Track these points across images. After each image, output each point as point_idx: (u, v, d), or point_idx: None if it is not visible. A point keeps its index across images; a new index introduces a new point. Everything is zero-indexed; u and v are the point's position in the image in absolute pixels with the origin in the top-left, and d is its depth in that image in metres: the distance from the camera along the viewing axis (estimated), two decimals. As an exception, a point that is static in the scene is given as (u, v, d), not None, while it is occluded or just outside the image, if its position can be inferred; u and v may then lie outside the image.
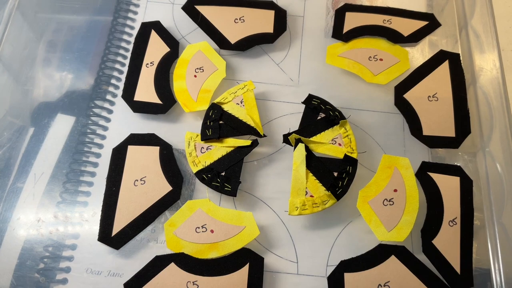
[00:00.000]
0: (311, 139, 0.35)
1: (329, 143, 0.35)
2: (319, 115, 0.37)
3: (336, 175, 0.34)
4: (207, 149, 0.35)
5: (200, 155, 0.35)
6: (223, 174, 0.34)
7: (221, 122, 0.36)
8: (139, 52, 0.40)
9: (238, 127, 0.36)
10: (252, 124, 0.36)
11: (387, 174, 0.35)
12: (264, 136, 0.36)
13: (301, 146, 0.35)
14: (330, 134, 0.36)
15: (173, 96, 0.38)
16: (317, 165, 0.35)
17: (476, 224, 0.35)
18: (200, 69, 0.39)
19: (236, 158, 0.35)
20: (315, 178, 0.34)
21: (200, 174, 0.34)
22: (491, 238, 0.34)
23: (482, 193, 0.36)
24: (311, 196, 0.33)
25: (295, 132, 0.36)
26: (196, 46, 0.40)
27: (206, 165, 0.35)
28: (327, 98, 0.38)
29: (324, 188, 0.34)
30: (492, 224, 0.34)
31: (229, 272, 0.32)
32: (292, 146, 0.35)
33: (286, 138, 0.36)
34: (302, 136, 0.35)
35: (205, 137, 0.36)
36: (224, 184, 0.34)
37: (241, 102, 0.37)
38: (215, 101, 0.37)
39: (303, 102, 0.38)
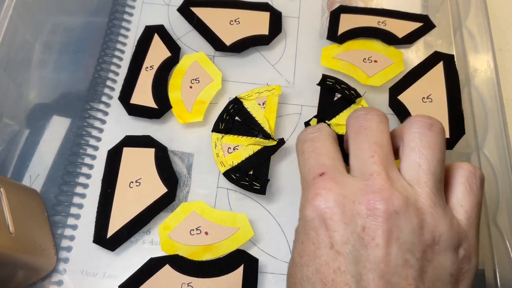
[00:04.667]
0: (332, 121, 0.36)
1: None
2: (335, 95, 0.38)
3: None
4: (234, 149, 0.36)
5: (227, 155, 0.35)
6: (250, 173, 0.35)
7: (236, 118, 0.37)
8: (140, 55, 0.40)
9: (251, 126, 0.36)
10: (266, 127, 0.36)
11: (381, 175, 0.35)
12: (273, 140, 0.36)
13: (314, 122, 0.36)
14: (349, 113, 0.36)
15: (169, 101, 0.38)
16: (338, 142, 0.35)
17: (470, 225, 0.35)
18: (196, 80, 0.39)
19: (263, 157, 0.35)
20: None
21: (228, 174, 0.35)
22: (485, 238, 0.34)
23: (477, 194, 0.36)
24: None
25: (315, 116, 0.37)
26: (193, 57, 0.40)
27: (233, 165, 0.35)
28: (322, 100, 0.38)
29: (345, 164, 0.34)
30: (487, 224, 0.34)
31: (224, 274, 0.32)
32: None
33: (308, 125, 0.36)
34: (322, 120, 0.36)
35: (216, 129, 0.36)
36: (253, 183, 0.34)
37: (263, 104, 0.37)
38: (238, 95, 0.38)
39: (318, 84, 0.38)
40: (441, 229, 0.22)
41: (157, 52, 0.40)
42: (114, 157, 0.36)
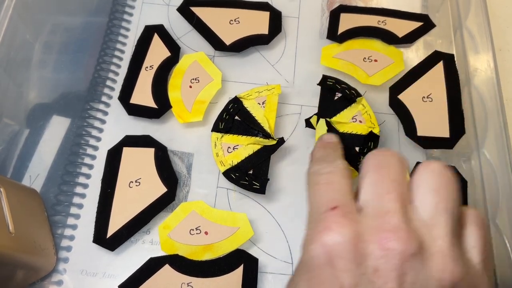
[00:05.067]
0: (332, 119, 0.36)
1: (350, 122, 0.36)
2: (335, 95, 0.38)
3: (357, 150, 0.35)
4: (233, 149, 0.36)
5: (227, 155, 0.35)
6: (250, 172, 0.35)
7: (236, 118, 0.37)
8: (140, 55, 0.40)
9: (251, 126, 0.36)
10: (266, 127, 0.36)
11: (381, 175, 0.35)
12: (273, 139, 0.36)
13: (322, 122, 0.35)
14: (349, 112, 0.37)
15: (169, 101, 0.38)
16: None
17: (470, 225, 0.35)
18: (195, 79, 0.39)
19: (263, 157, 0.35)
20: None
21: (228, 174, 0.35)
22: (485, 238, 0.34)
23: (477, 193, 0.36)
24: None
25: (315, 114, 0.37)
26: (193, 57, 0.40)
27: (233, 165, 0.35)
28: (322, 99, 0.38)
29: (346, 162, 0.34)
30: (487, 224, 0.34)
31: (224, 273, 0.32)
32: (315, 128, 0.36)
33: (308, 122, 0.37)
34: (322, 117, 0.36)
35: (215, 129, 0.36)
36: (253, 182, 0.34)
37: (263, 103, 0.37)
38: (238, 95, 0.38)
39: (318, 84, 0.38)
40: (458, 274, 0.20)
41: (157, 52, 0.40)
42: (114, 157, 0.36)
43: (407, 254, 0.20)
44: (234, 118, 0.37)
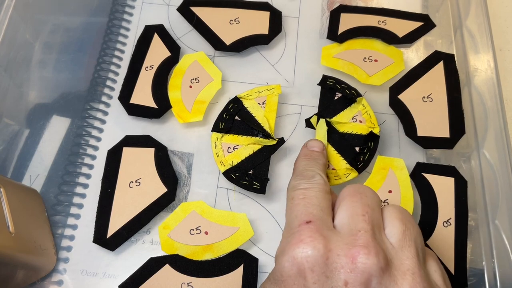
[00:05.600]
0: (332, 119, 0.36)
1: (350, 122, 0.36)
2: (335, 95, 0.38)
3: (357, 150, 0.35)
4: (233, 149, 0.36)
5: (227, 155, 0.35)
6: (250, 172, 0.35)
7: (236, 118, 0.37)
8: (140, 55, 0.40)
9: (251, 126, 0.36)
10: (266, 127, 0.36)
11: (382, 175, 0.35)
12: (273, 139, 0.36)
13: (322, 122, 0.36)
14: (349, 112, 0.37)
15: (169, 101, 0.38)
16: (338, 139, 0.36)
17: (470, 225, 0.35)
18: (195, 79, 0.39)
19: (263, 157, 0.35)
20: (336, 152, 0.35)
21: (228, 174, 0.35)
22: (485, 238, 0.34)
23: (477, 193, 0.36)
24: (333, 169, 0.34)
25: (315, 114, 0.37)
26: (193, 56, 0.40)
27: (233, 165, 0.35)
28: (322, 99, 0.38)
29: (346, 162, 0.35)
30: (487, 224, 0.34)
31: (224, 273, 0.32)
32: (315, 128, 0.36)
33: (308, 122, 0.37)
34: (322, 116, 0.36)
35: (215, 129, 0.36)
36: (253, 182, 0.34)
37: (263, 103, 0.37)
38: (238, 95, 0.38)
39: (318, 84, 0.38)
40: None
41: (157, 52, 0.40)
42: (114, 157, 0.36)
43: (376, 269, 0.21)
44: (234, 118, 0.37)
